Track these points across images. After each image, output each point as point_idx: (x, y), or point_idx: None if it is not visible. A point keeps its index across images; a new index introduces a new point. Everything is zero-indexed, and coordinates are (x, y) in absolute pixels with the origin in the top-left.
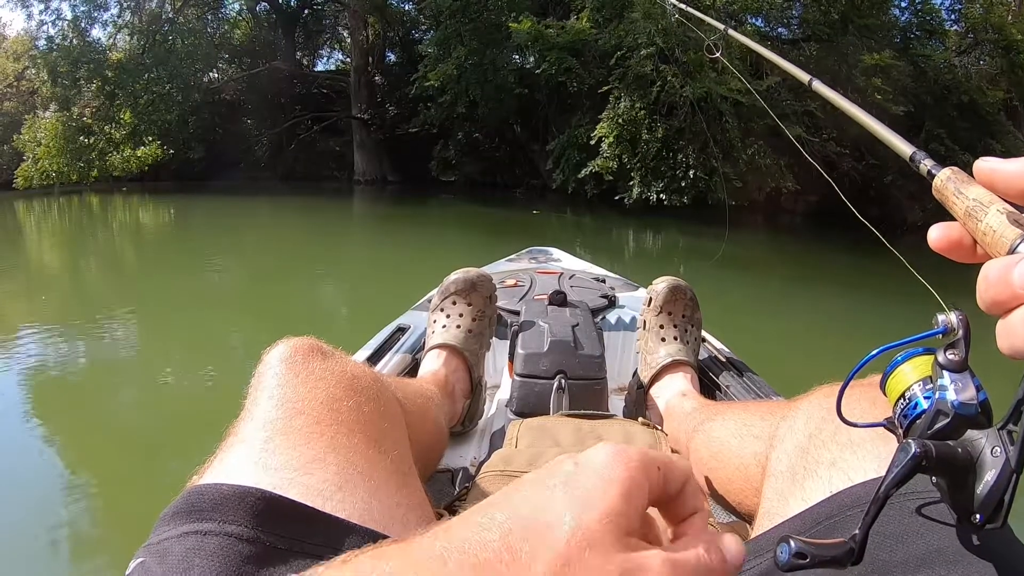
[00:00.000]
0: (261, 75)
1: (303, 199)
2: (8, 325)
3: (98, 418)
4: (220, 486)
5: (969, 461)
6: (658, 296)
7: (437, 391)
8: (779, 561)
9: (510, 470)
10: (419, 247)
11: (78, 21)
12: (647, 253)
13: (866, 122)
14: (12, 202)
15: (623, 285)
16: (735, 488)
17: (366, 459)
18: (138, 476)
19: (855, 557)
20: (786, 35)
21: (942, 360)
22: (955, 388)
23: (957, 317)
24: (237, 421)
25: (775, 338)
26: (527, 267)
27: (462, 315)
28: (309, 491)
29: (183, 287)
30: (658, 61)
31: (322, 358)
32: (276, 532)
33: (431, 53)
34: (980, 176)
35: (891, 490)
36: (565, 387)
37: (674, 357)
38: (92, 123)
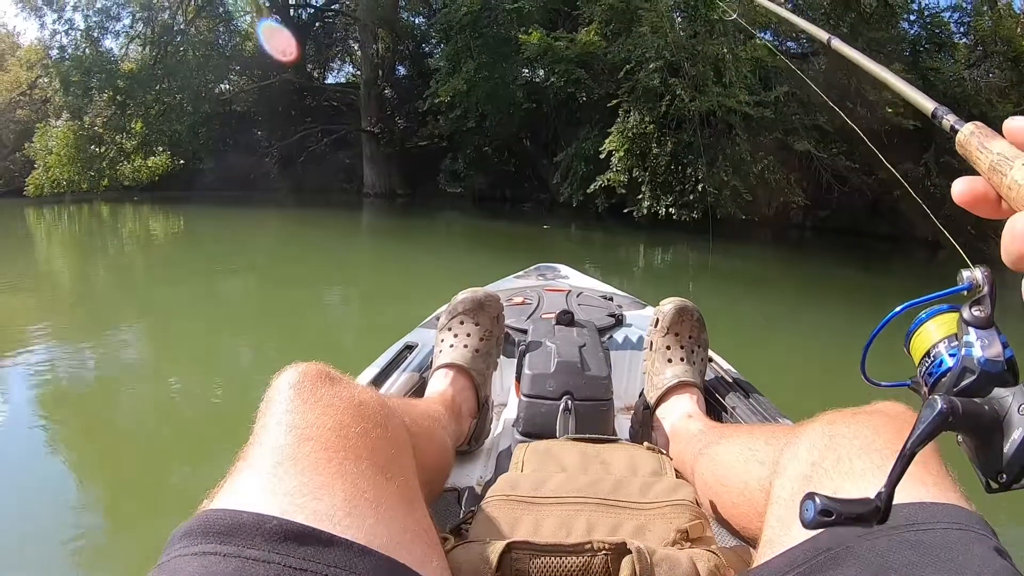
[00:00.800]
0: (272, 87)
1: (312, 211)
2: (19, 333)
3: (106, 428)
4: (240, 512)
5: (996, 419)
6: (665, 317)
7: (444, 411)
8: (805, 519)
9: (515, 495)
10: (427, 262)
11: (91, 31)
12: (656, 270)
13: (888, 79)
14: (23, 209)
15: (630, 303)
16: (739, 512)
17: (374, 485)
18: (146, 486)
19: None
20: (796, 49)
21: (967, 316)
22: (981, 344)
23: (982, 273)
24: (246, 446)
25: (783, 356)
26: (535, 284)
27: (469, 335)
28: (318, 516)
29: (192, 298)
30: (667, 74)
31: (330, 384)
32: (291, 554)
33: (442, 67)
34: (1010, 134)
35: (917, 447)
36: (571, 408)
37: (680, 378)
38: (103, 132)
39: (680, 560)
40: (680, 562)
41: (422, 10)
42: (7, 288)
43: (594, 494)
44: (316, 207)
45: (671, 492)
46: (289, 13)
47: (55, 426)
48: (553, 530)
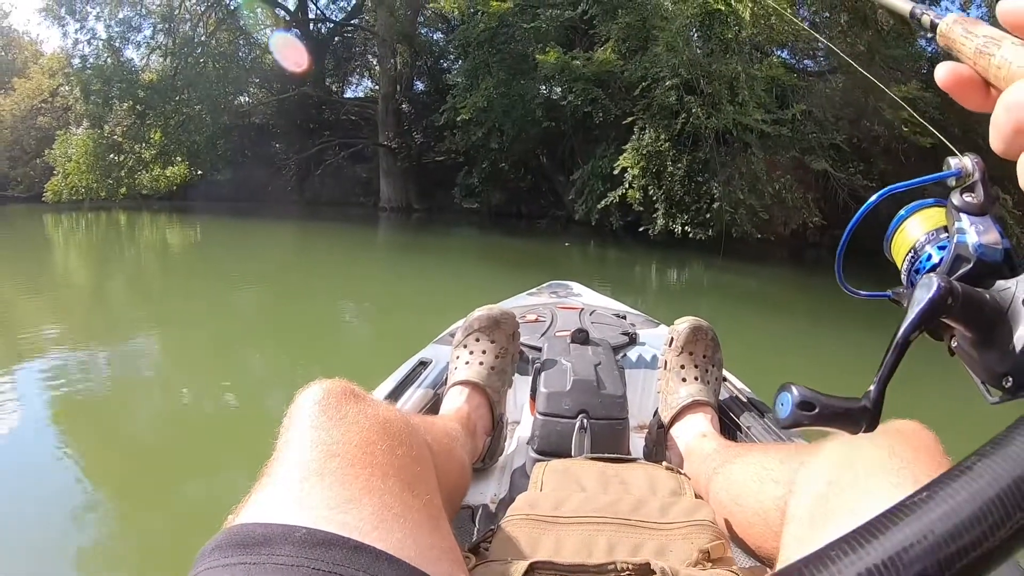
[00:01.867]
0: (290, 100)
1: (328, 224)
2: (35, 338)
3: (119, 434)
4: (270, 525)
5: (999, 311)
6: (679, 336)
7: (460, 429)
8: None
9: (535, 514)
10: (442, 279)
11: (112, 41)
12: (670, 288)
13: None
14: (41, 215)
15: (644, 322)
16: (755, 532)
17: (401, 502)
18: (159, 493)
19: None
20: (812, 68)
21: (958, 202)
22: (976, 231)
23: (972, 160)
24: (270, 462)
25: (798, 377)
26: (547, 302)
27: (485, 352)
28: (345, 527)
29: (207, 307)
30: (683, 92)
31: (355, 401)
32: (320, 558)
33: (460, 83)
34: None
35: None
36: (587, 427)
37: (695, 397)
38: (123, 141)
39: None
40: None
41: (441, 26)
42: (25, 292)
43: (614, 514)
44: (332, 220)
45: (691, 512)
46: (309, 27)
47: (69, 430)
48: (575, 550)
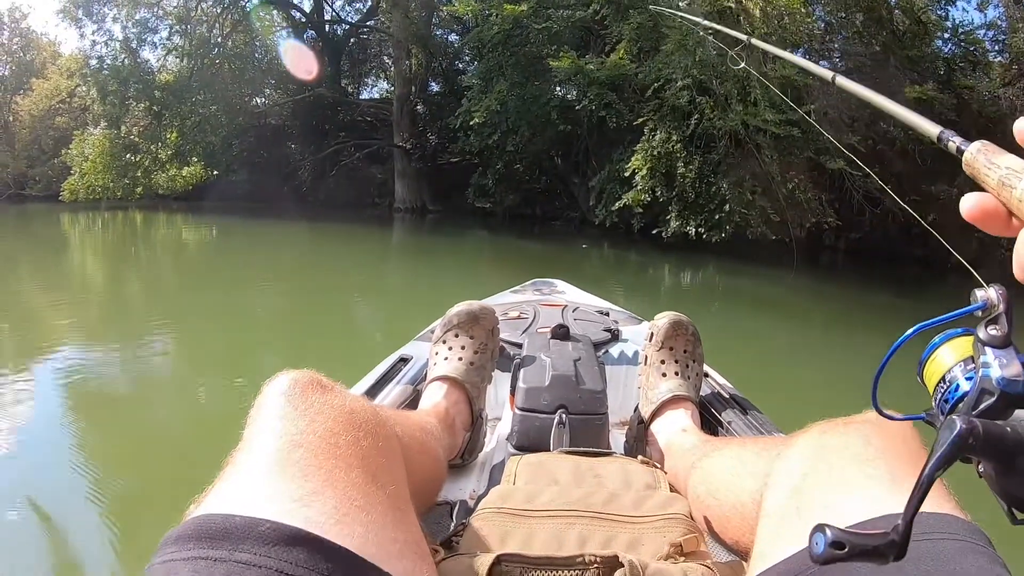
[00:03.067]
0: (306, 101)
1: (343, 225)
2: (51, 333)
3: (133, 429)
4: (232, 517)
5: (1019, 443)
6: (659, 331)
7: (437, 424)
8: (814, 553)
9: (507, 508)
10: (456, 281)
11: (129, 42)
12: (683, 292)
13: (892, 109)
14: (59, 214)
15: (627, 318)
16: (732, 526)
17: (364, 494)
18: (168, 487)
19: (898, 549)
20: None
21: (983, 336)
22: (999, 364)
23: (997, 292)
24: (235, 451)
25: (811, 389)
26: (531, 299)
27: (464, 347)
28: (308, 522)
29: (220, 307)
30: (695, 93)
31: (321, 392)
32: (282, 558)
33: (475, 85)
34: (1021, 136)
35: (936, 472)
36: (566, 422)
37: (675, 392)
38: (139, 142)
39: (673, 574)
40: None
41: (455, 28)
42: (43, 289)
43: (587, 507)
44: (347, 221)
45: (665, 506)
46: (324, 29)
47: (85, 423)
48: (545, 543)
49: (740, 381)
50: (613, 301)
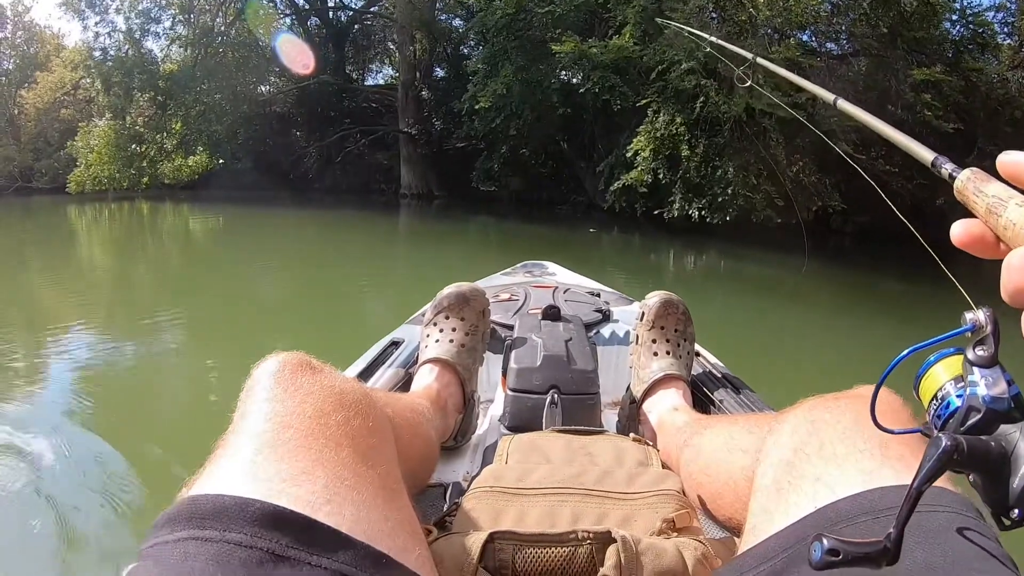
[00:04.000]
0: (310, 89)
1: (350, 212)
2: (60, 321)
3: (141, 412)
4: (222, 497)
5: (1003, 456)
6: (650, 311)
7: (429, 406)
8: (812, 560)
9: (499, 487)
10: (462, 265)
11: (132, 32)
12: (688, 276)
13: (889, 134)
14: (65, 206)
15: (618, 299)
16: (725, 503)
17: (354, 473)
18: (179, 466)
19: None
20: (835, 51)
21: (971, 356)
22: (986, 383)
23: (985, 314)
24: (226, 434)
25: (816, 372)
26: (522, 281)
27: (455, 329)
28: (298, 502)
29: (228, 292)
30: (700, 76)
31: (311, 373)
32: (273, 539)
33: (480, 70)
34: (1004, 169)
35: (924, 486)
36: (558, 402)
37: (666, 371)
38: (144, 132)
39: (666, 549)
40: (666, 551)
41: (460, 12)
42: (51, 279)
43: (579, 485)
44: (354, 208)
45: (657, 482)
46: (328, 16)
47: (94, 408)
48: (537, 521)
49: (742, 363)
50: (618, 284)
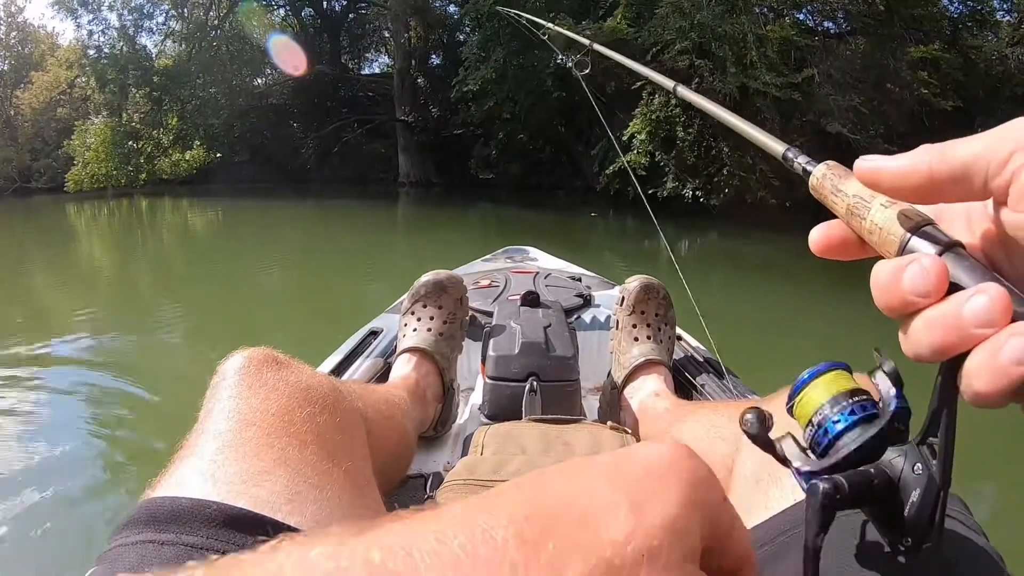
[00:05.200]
0: (306, 80)
1: (349, 202)
2: (64, 317)
3: (138, 409)
4: (179, 499)
5: (890, 483)
6: (630, 295)
7: (406, 396)
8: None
9: (474, 479)
10: (460, 254)
11: (125, 29)
12: (684, 258)
13: (735, 124)
14: (64, 205)
15: (599, 284)
16: None
17: (318, 471)
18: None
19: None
20: (833, 29)
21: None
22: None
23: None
24: (189, 434)
25: (801, 353)
26: (502, 267)
27: (432, 318)
28: (258, 503)
29: (228, 286)
30: (694, 57)
31: (276, 368)
32: (231, 541)
33: (472, 56)
34: (862, 177)
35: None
36: (537, 389)
37: (647, 356)
38: (140, 128)
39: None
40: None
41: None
42: (52, 278)
43: None
44: (353, 197)
45: None
46: (322, 5)
47: (98, 402)
48: None
49: (736, 346)
50: (616, 268)
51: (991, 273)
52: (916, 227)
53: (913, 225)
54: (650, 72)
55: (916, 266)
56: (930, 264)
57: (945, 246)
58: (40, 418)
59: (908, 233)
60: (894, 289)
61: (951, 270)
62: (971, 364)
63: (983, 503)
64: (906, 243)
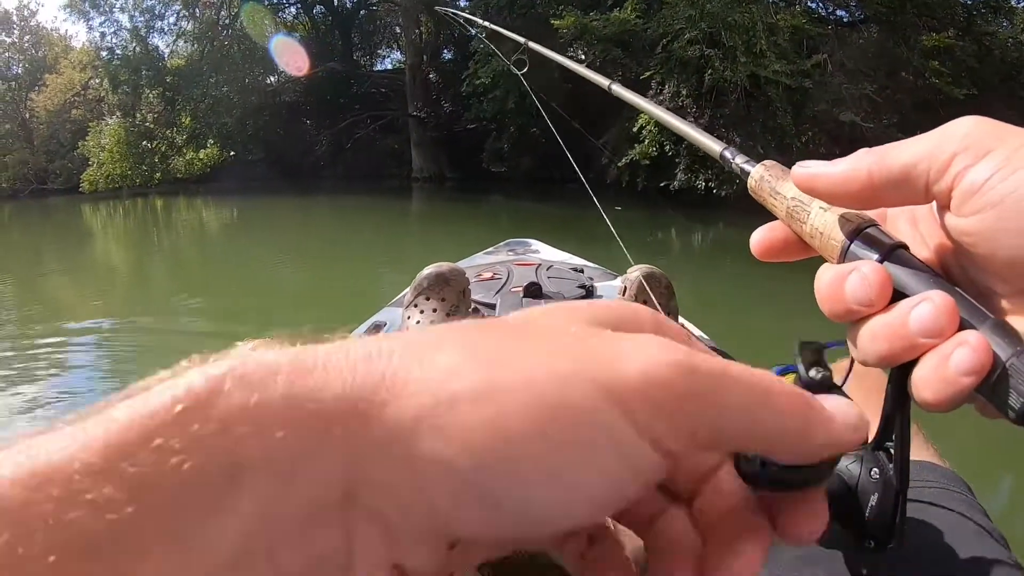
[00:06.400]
0: (319, 77)
1: (363, 198)
2: (81, 313)
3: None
4: None
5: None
6: (632, 285)
7: None
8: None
9: None
10: (473, 249)
11: (137, 30)
12: (696, 250)
13: (671, 122)
14: (80, 205)
15: (601, 274)
16: None
17: None
18: None
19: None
20: (845, 17)
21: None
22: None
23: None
24: None
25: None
26: (505, 259)
27: (435, 310)
28: None
29: (243, 282)
30: (704, 47)
31: None
32: None
33: (481, 49)
34: (799, 184)
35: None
36: None
37: None
38: (154, 128)
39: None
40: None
41: None
42: (68, 275)
43: None
44: (366, 193)
45: None
46: (333, 3)
47: (114, 390)
48: None
49: (740, 336)
50: (623, 260)
51: (937, 277)
52: (857, 230)
53: (854, 229)
54: (585, 70)
55: (857, 276)
56: (871, 273)
57: (888, 249)
58: (50, 412)
59: (849, 238)
60: (838, 298)
61: (895, 275)
62: (919, 374)
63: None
64: (848, 248)
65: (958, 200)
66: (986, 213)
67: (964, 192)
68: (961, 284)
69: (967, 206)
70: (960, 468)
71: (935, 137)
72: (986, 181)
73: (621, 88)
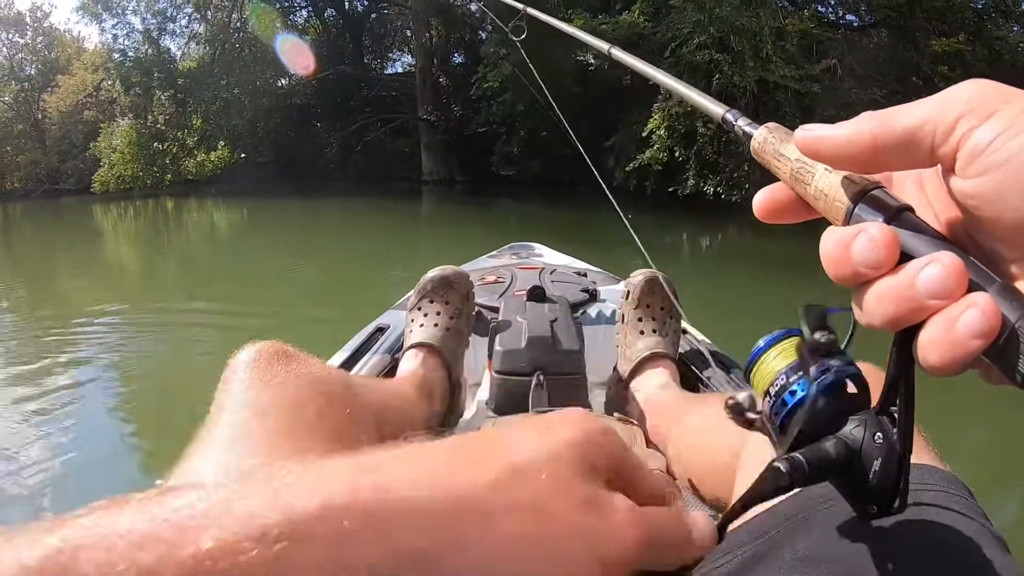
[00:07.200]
0: (329, 79)
1: (372, 200)
2: (92, 311)
3: (167, 403)
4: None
5: (851, 454)
6: (636, 289)
7: (414, 392)
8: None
9: None
10: (482, 252)
11: (149, 32)
12: (705, 255)
13: (673, 86)
14: (91, 206)
15: (605, 278)
16: (711, 482)
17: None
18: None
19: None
20: (855, 22)
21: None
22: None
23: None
24: (202, 428)
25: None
26: (508, 263)
27: (439, 313)
28: None
29: (254, 284)
30: (714, 52)
31: (286, 361)
32: None
33: (491, 52)
34: (802, 147)
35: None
36: (544, 383)
37: (653, 350)
38: (165, 129)
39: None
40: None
41: None
42: (80, 275)
43: None
44: (375, 196)
45: None
46: (344, 6)
47: (120, 395)
48: None
49: (746, 341)
50: (626, 264)
51: (944, 240)
52: (863, 192)
53: (860, 190)
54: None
55: (864, 237)
56: (879, 234)
57: (894, 211)
58: (61, 411)
59: (854, 200)
60: (843, 261)
61: (902, 238)
62: (926, 337)
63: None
64: (853, 210)
65: (963, 162)
66: (991, 175)
67: (969, 153)
68: (967, 249)
69: (972, 168)
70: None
71: (939, 100)
72: (991, 142)
73: (621, 52)
